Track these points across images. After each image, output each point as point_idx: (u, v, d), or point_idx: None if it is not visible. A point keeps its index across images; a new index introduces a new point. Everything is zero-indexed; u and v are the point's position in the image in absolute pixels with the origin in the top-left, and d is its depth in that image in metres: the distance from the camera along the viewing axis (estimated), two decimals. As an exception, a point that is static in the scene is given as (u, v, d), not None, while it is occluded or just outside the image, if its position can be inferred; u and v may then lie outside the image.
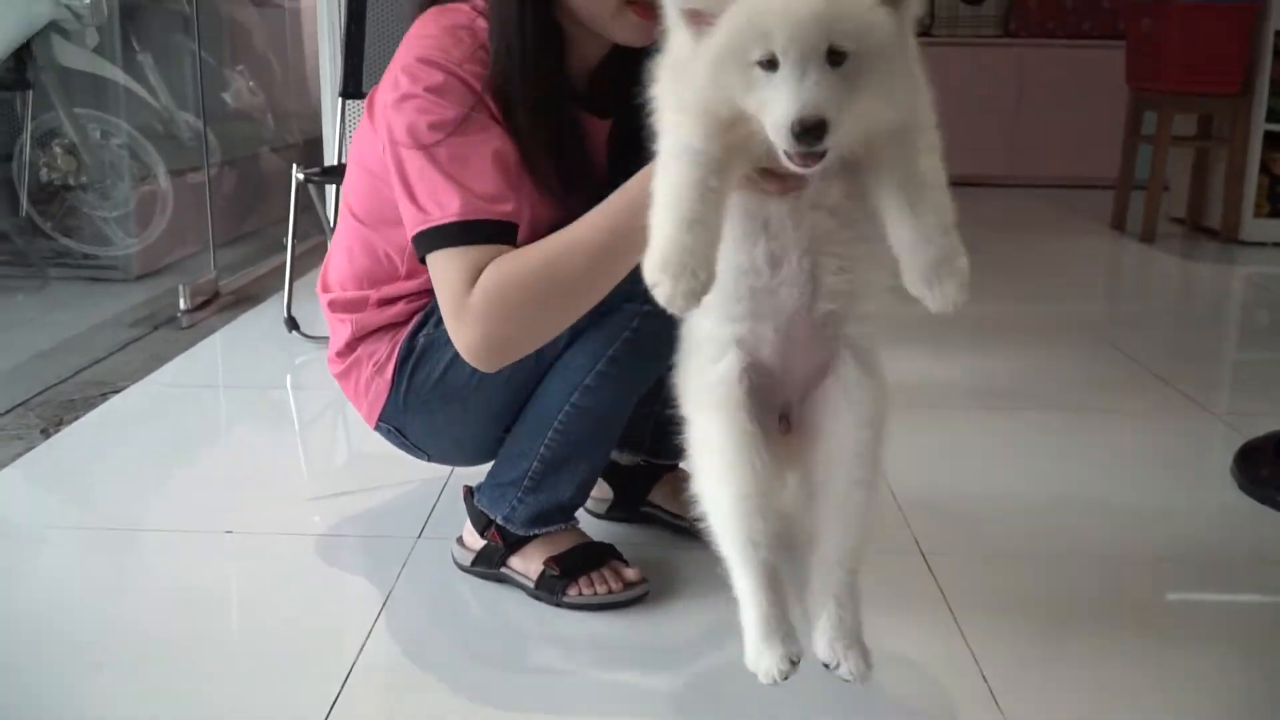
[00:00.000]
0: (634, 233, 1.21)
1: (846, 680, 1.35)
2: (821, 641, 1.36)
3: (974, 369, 2.96)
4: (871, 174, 1.20)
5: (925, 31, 6.38)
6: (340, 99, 3.25)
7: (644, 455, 1.92)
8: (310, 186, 3.01)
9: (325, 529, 1.94)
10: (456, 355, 1.50)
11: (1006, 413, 2.61)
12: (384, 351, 1.68)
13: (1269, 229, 4.71)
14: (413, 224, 1.45)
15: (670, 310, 1.12)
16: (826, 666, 1.36)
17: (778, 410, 1.38)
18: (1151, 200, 4.77)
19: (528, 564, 1.70)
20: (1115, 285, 4.37)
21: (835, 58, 1.07)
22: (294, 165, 2.96)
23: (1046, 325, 3.42)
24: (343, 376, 1.74)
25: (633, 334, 1.51)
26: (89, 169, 3.77)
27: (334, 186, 3.40)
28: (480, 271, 1.40)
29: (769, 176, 1.19)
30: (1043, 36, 6.43)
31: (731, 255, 1.24)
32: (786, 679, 1.30)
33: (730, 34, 1.08)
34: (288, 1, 5.39)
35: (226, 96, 4.75)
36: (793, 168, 1.11)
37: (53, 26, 3.60)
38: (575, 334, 1.55)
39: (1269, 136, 4.65)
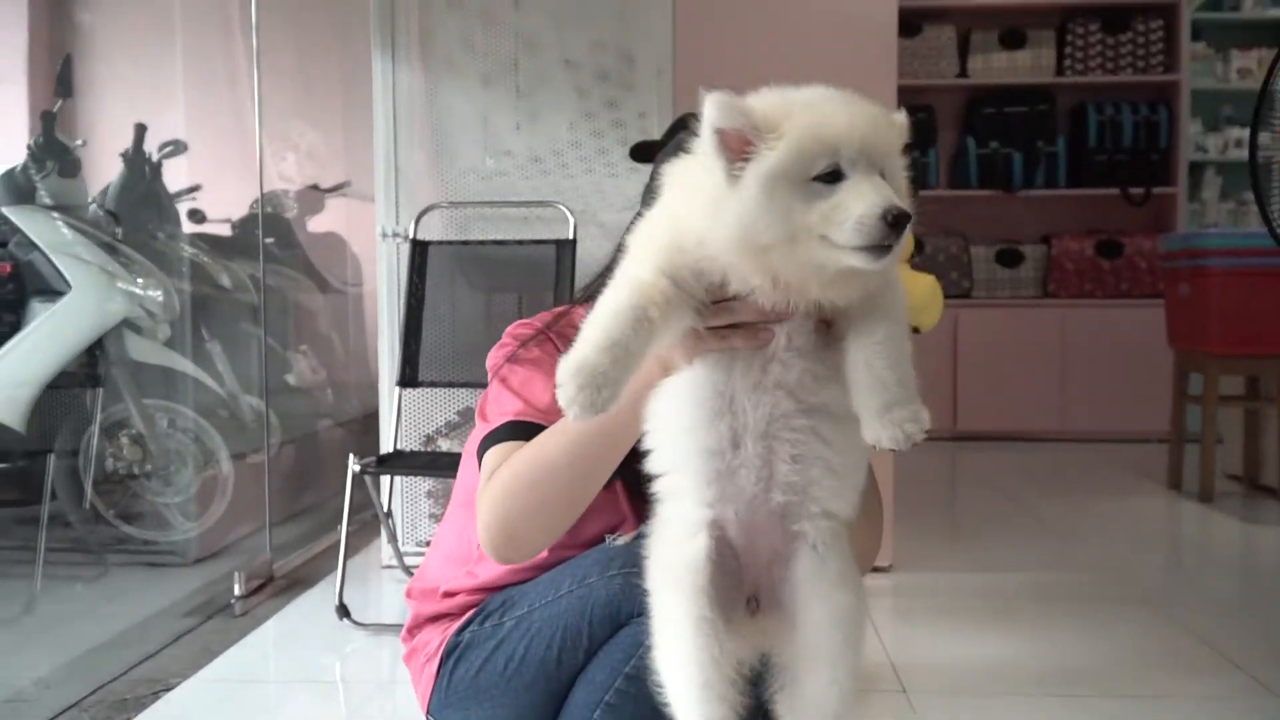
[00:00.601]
0: (613, 417, 1.31)
1: None
2: None
3: (1038, 647, 2.90)
4: (839, 343, 1.29)
5: (965, 294, 6.56)
6: (397, 387, 3.38)
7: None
8: (366, 476, 3.08)
9: (369, 843, 1.91)
10: (493, 653, 1.62)
11: (1070, 699, 2.54)
12: (435, 643, 1.74)
13: (1329, 487, 4.66)
14: (479, 436, 1.59)
15: (564, 410, 1.20)
16: None
17: (747, 592, 1.39)
18: (1206, 461, 4.74)
19: None
20: (1176, 551, 4.29)
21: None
22: (350, 456, 3.04)
23: (1108, 597, 3.36)
24: (408, 658, 1.81)
25: (649, 649, 1.51)
26: (154, 457, 3.88)
27: (388, 477, 3.49)
28: None
29: (736, 331, 1.29)
30: (1081, 296, 6.56)
31: (699, 436, 1.32)
32: None
33: (795, 149, 1.18)
34: (350, 287, 5.66)
35: (289, 377, 4.92)
36: (864, 263, 1.18)
37: (126, 324, 3.78)
38: (595, 646, 1.56)
39: (1319, 396, 4.65)
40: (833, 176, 1.19)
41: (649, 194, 1.55)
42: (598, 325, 1.24)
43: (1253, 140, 2.51)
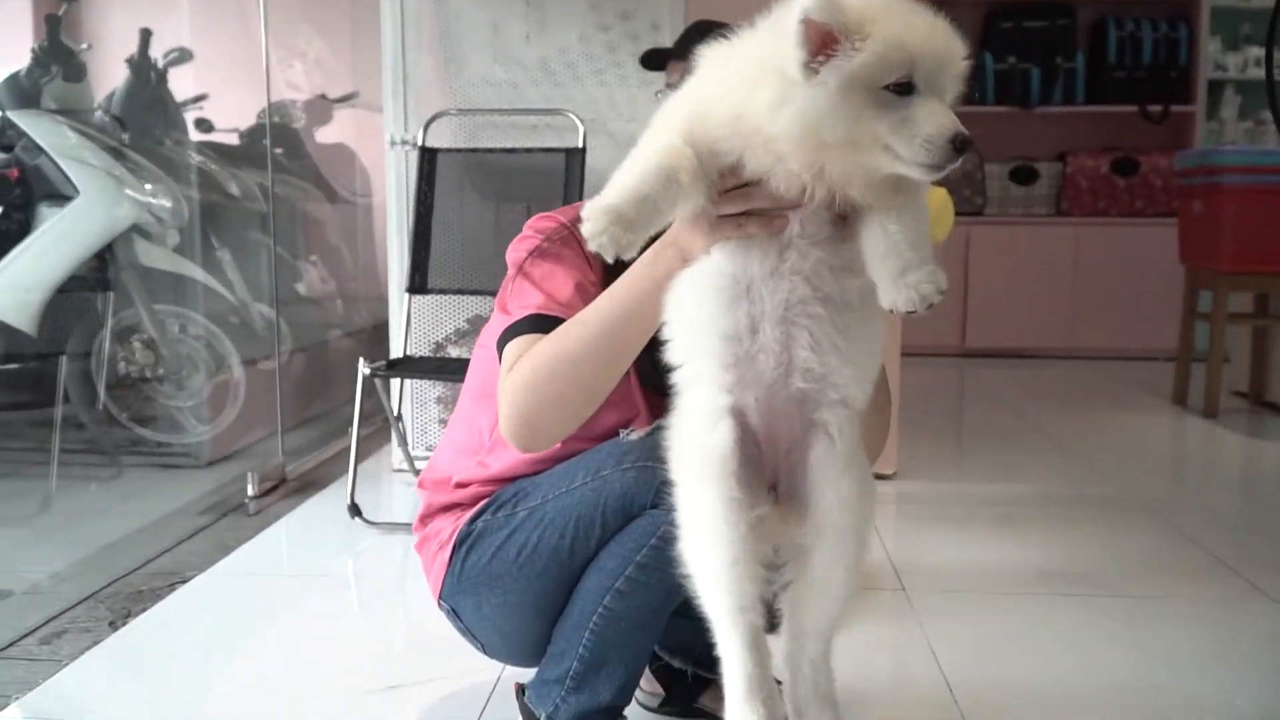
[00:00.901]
0: (632, 307, 1.43)
1: None
2: (791, 703, 1.47)
3: (1040, 551, 2.95)
4: (858, 224, 1.31)
5: (978, 211, 6.54)
6: (406, 294, 3.41)
7: (693, 665, 1.94)
8: (376, 379, 3.12)
9: (381, 723, 1.97)
10: (506, 541, 1.66)
11: (1069, 599, 2.60)
12: (448, 531, 1.77)
13: (1335, 404, 4.69)
14: (499, 329, 1.61)
15: (589, 240, 1.22)
16: None
17: (768, 481, 1.44)
18: (1213, 377, 4.77)
19: (577, 764, 1.72)
20: (1180, 464, 4.33)
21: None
22: (360, 359, 3.08)
23: (1112, 505, 3.40)
24: (419, 547, 1.85)
25: (660, 540, 1.55)
26: (166, 361, 3.92)
27: (398, 380, 3.53)
28: None
29: (751, 218, 1.32)
30: (1095, 214, 6.54)
31: (718, 320, 1.36)
32: None
33: (880, 54, 1.19)
34: (359, 198, 5.66)
35: (299, 286, 4.95)
36: (923, 176, 1.23)
37: (135, 229, 3.80)
38: (608, 536, 1.60)
39: (1329, 313, 4.67)
40: (904, 88, 1.21)
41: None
42: (629, 178, 1.26)
43: (1269, 57, 2.43)
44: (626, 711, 1.75)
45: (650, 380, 1.60)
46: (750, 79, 1.25)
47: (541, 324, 1.57)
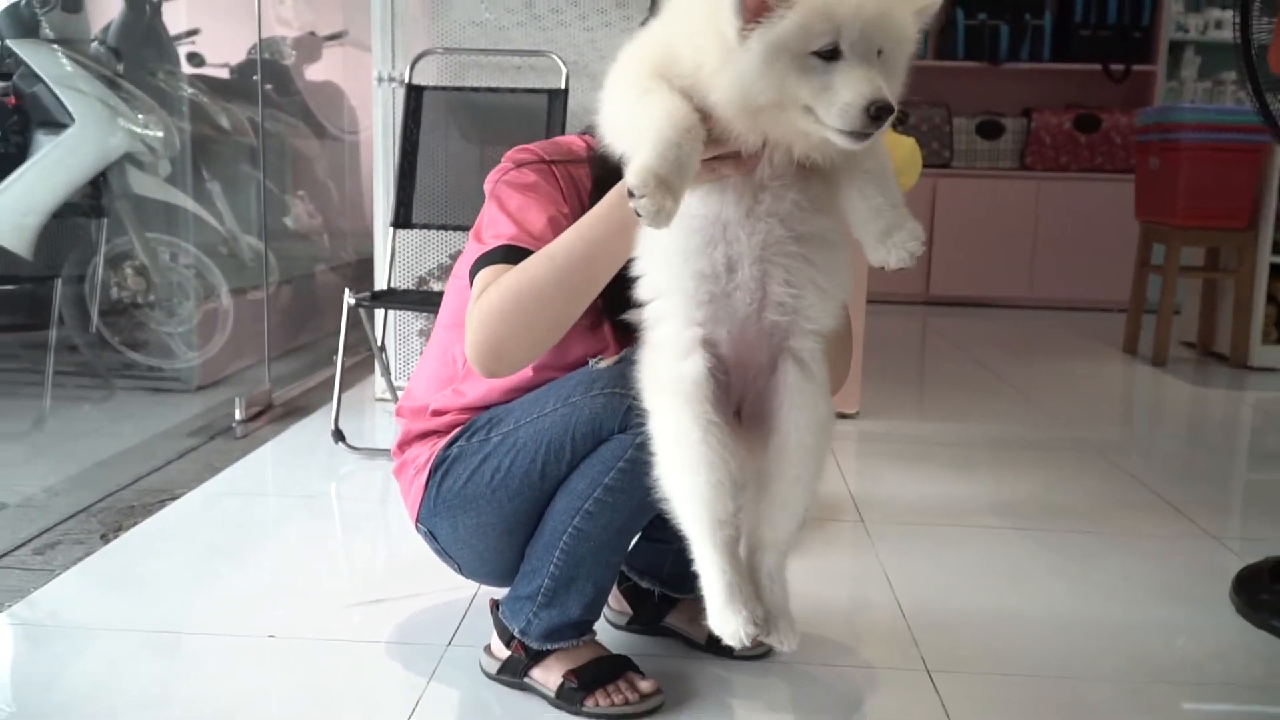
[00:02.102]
0: (601, 243, 1.44)
1: (776, 648, 1.50)
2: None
3: (993, 489, 2.98)
4: (831, 175, 1.34)
5: (944, 164, 6.52)
6: (391, 228, 3.38)
7: (660, 586, 1.96)
8: (361, 310, 3.10)
9: (362, 635, 1.98)
10: (480, 465, 1.67)
11: (1019, 533, 2.63)
12: (425, 456, 1.77)
13: (1277, 355, 4.72)
14: (472, 257, 1.60)
15: (645, 218, 1.22)
16: (754, 637, 1.46)
17: (733, 405, 1.47)
18: (1162, 327, 4.81)
19: (548, 675, 1.73)
20: (1128, 409, 4.38)
21: (878, 55, 1.22)
22: (346, 290, 3.06)
23: (1063, 447, 3.43)
24: (397, 472, 1.85)
25: (627, 464, 1.55)
26: (157, 288, 3.90)
27: (382, 311, 3.51)
28: None
29: (724, 160, 1.32)
30: (1057, 169, 6.54)
31: (694, 261, 1.37)
32: (751, 641, 1.41)
33: (801, 22, 1.19)
34: (347, 135, 5.59)
35: (287, 220, 4.91)
36: (844, 143, 1.22)
37: (128, 158, 3.75)
38: (577, 459, 1.61)
39: (1275, 268, 4.68)
40: (832, 54, 1.20)
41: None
42: (663, 143, 1.23)
43: (1245, 23, 2.35)
44: (596, 628, 1.77)
45: (614, 313, 1.59)
46: (704, 34, 1.25)
47: (512, 255, 1.56)
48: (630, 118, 1.30)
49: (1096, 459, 3.30)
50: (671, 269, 1.40)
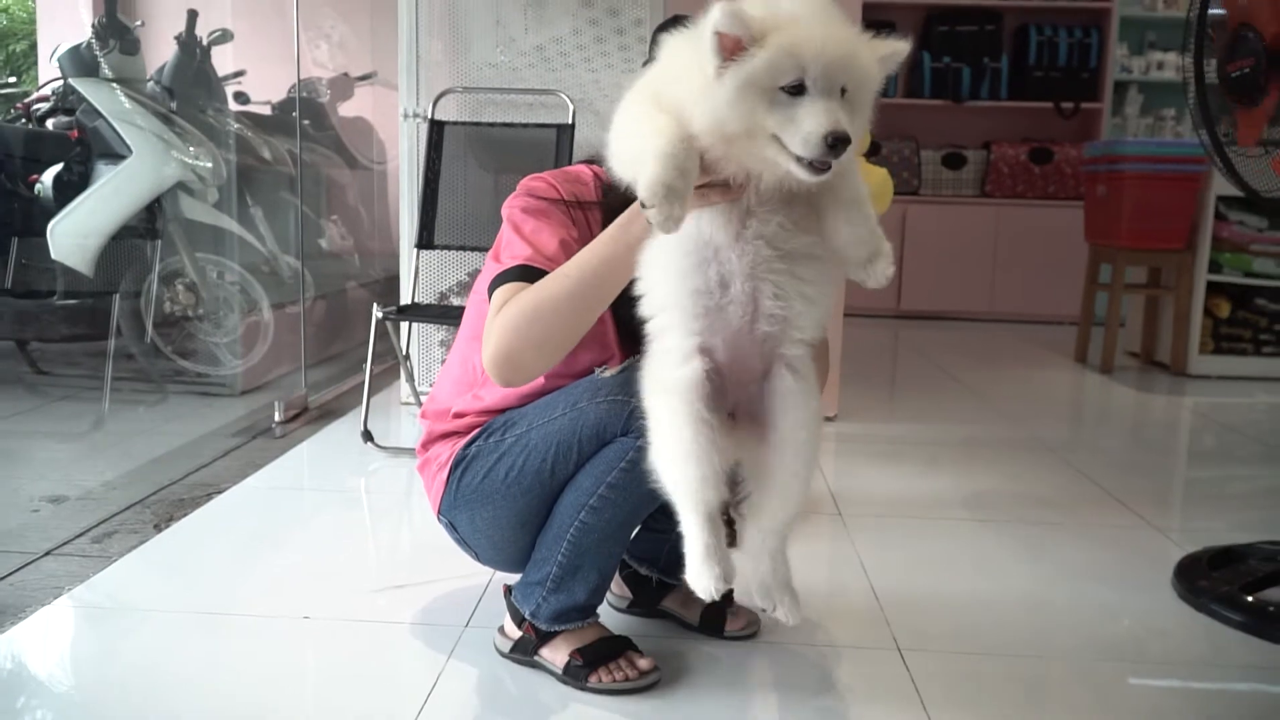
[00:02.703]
0: (609, 263, 1.44)
1: (781, 621, 1.54)
2: (758, 588, 1.57)
3: (958, 483, 2.96)
4: (813, 200, 1.35)
5: (914, 191, 6.52)
6: (415, 249, 3.37)
7: (658, 573, 1.95)
8: (388, 322, 3.09)
9: (388, 616, 1.97)
10: (496, 463, 1.66)
11: (982, 524, 2.62)
12: (446, 455, 1.76)
13: (1213, 364, 4.72)
14: (491, 275, 1.59)
15: (657, 224, 1.24)
16: (763, 611, 1.52)
17: (728, 407, 1.48)
18: (1109, 339, 4.81)
19: (556, 654, 1.72)
20: (1078, 412, 4.36)
21: (842, 92, 1.23)
22: (374, 304, 3.05)
23: (1018, 446, 3.42)
24: (421, 469, 1.84)
25: (629, 464, 1.55)
26: (205, 303, 3.89)
27: (407, 323, 3.50)
28: None
29: (712, 188, 1.33)
30: (1014, 197, 6.53)
31: (690, 279, 1.39)
32: (719, 595, 1.43)
33: (769, 60, 1.21)
34: (376, 165, 5.59)
35: (322, 241, 4.90)
36: (804, 175, 1.24)
37: (180, 186, 3.75)
38: (584, 459, 1.60)
39: (1211, 285, 4.68)
40: (798, 90, 1.21)
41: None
42: (665, 156, 1.24)
43: (1199, 64, 2.29)
44: (599, 611, 1.76)
45: (626, 327, 1.60)
46: (689, 71, 1.27)
47: (528, 274, 1.55)
48: (632, 146, 1.32)
49: (1050, 457, 3.28)
50: (670, 286, 1.41)
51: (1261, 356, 4.72)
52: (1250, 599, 2.05)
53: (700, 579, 1.43)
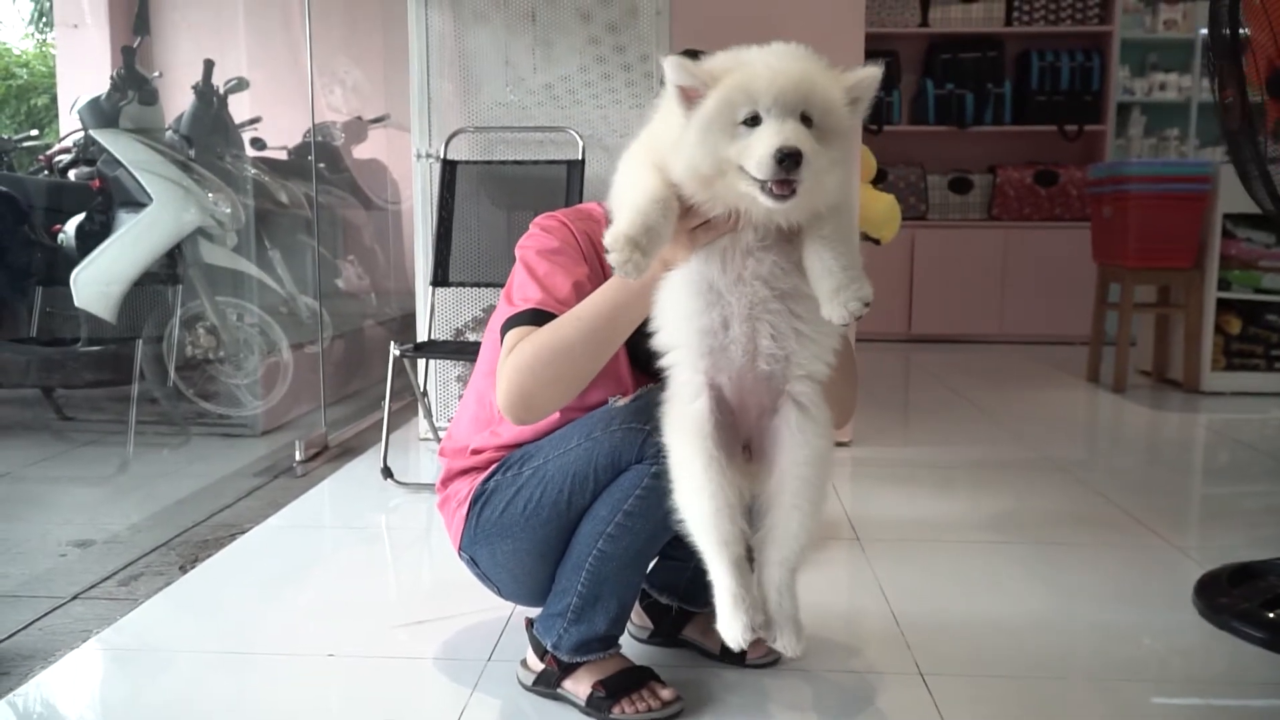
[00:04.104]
0: (621, 305, 1.47)
1: (781, 652, 1.53)
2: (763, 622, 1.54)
3: (973, 505, 2.95)
4: (800, 243, 1.37)
5: (921, 216, 6.53)
6: (430, 287, 3.39)
7: (679, 601, 1.95)
8: (405, 359, 3.11)
9: (411, 652, 1.97)
10: (514, 497, 1.67)
11: (997, 545, 2.60)
12: (465, 491, 1.77)
13: (1226, 381, 4.68)
14: (504, 316, 1.61)
15: (616, 267, 1.30)
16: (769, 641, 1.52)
17: (742, 442, 1.50)
18: (1121, 358, 4.78)
19: (578, 686, 1.72)
20: (1092, 431, 4.34)
21: (806, 120, 1.27)
22: (391, 342, 3.07)
23: (1033, 467, 3.40)
24: (441, 505, 1.84)
25: (644, 491, 1.56)
26: (226, 345, 3.91)
27: (424, 360, 3.51)
28: None
29: (704, 228, 1.37)
30: (1021, 219, 6.53)
31: (696, 320, 1.43)
32: (748, 643, 1.45)
33: (722, 97, 1.27)
34: (390, 205, 5.63)
35: (338, 281, 4.93)
36: (768, 202, 1.27)
37: (199, 232, 3.78)
38: (600, 489, 1.61)
39: (1221, 302, 4.66)
40: (754, 121, 1.27)
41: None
42: (634, 212, 1.31)
43: (1222, 94, 2.15)
44: (621, 642, 1.76)
45: (640, 363, 1.61)
46: (670, 124, 1.34)
47: (539, 318, 1.57)
48: (619, 197, 1.38)
49: (1065, 477, 3.27)
50: (679, 326, 1.45)
51: (1274, 372, 4.68)
52: (1271, 615, 2.03)
53: (730, 629, 1.45)
